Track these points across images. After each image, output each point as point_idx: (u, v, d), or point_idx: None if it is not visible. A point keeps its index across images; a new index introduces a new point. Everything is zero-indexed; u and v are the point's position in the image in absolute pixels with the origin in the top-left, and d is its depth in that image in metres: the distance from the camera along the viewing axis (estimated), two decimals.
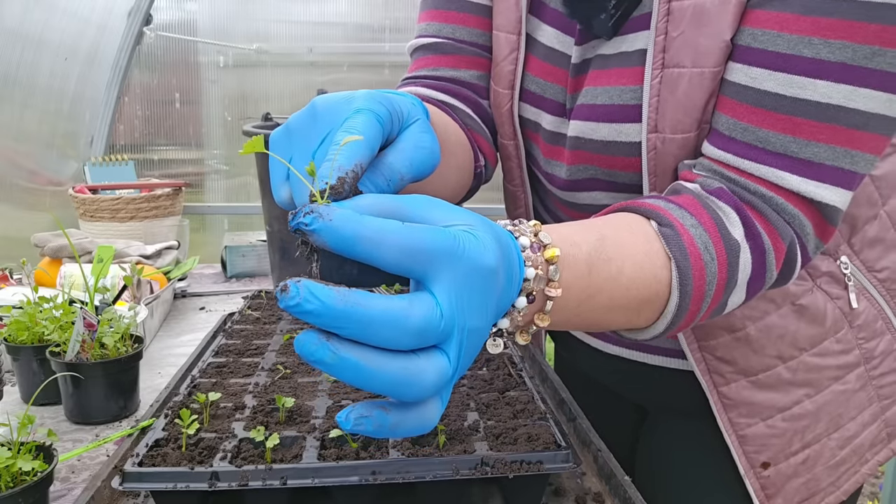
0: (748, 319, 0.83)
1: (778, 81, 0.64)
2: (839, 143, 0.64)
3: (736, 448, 0.86)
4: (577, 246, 0.56)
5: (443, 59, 0.91)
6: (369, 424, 0.41)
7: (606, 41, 0.77)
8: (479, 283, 0.42)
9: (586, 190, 0.84)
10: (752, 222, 0.65)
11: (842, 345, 0.85)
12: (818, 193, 0.65)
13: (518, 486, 0.70)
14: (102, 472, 0.71)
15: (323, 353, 0.39)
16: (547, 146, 0.87)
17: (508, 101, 0.88)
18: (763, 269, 0.66)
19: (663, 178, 0.75)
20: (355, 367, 0.39)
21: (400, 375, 0.40)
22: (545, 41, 0.85)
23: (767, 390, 0.84)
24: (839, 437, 0.87)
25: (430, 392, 0.41)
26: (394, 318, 0.39)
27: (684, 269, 0.61)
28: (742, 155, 0.67)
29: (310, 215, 0.40)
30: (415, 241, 0.40)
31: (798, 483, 0.87)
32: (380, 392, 0.40)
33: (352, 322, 0.38)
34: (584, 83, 0.80)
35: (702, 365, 0.85)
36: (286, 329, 1.04)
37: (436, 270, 0.41)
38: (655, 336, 0.65)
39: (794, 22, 0.63)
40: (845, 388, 0.85)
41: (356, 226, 0.40)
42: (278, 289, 0.38)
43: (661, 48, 0.71)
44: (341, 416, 0.41)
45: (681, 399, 0.91)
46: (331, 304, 0.38)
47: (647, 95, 0.72)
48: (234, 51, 2.67)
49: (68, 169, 2.48)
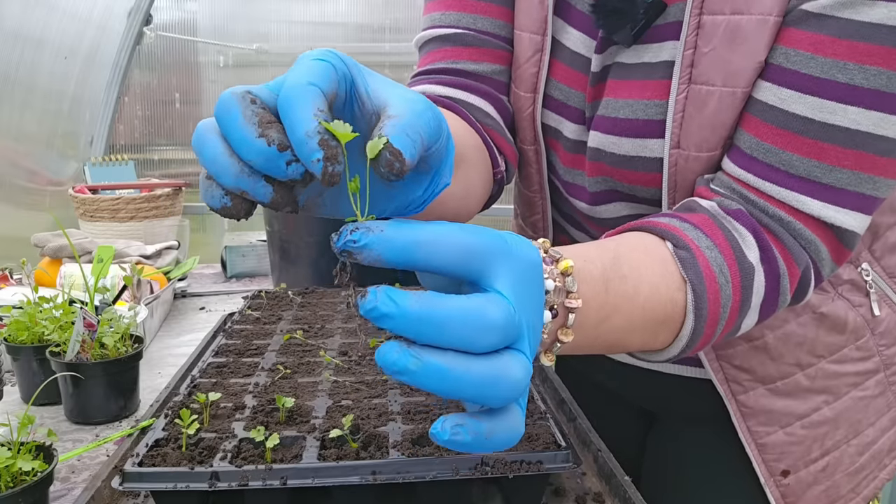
0: (767, 328, 0.82)
1: (808, 105, 0.63)
2: (864, 169, 0.63)
3: (755, 456, 0.85)
4: (591, 262, 0.55)
5: (462, 51, 0.84)
6: (466, 434, 0.39)
7: (626, 49, 0.75)
8: (532, 276, 0.42)
9: (606, 202, 0.82)
10: (768, 245, 0.64)
11: (861, 352, 0.84)
12: (838, 219, 0.64)
13: (518, 486, 0.70)
14: (102, 472, 0.71)
15: (406, 361, 0.37)
16: (568, 155, 0.84)
17: (530, 105, 0.84)
18: (776, 293, 0.65)
19: (683, 194, 0.74)
20: (440, 371, 0.37)
21: (487, 376, 0.38)
22: (571, 45, 0.81)
23: (786, 398, 0.84)
24: (858, 443, 0.86)
25: (519, 390, 0.39)
26: (475, 316, 0.37)
27: (700, 293, 0.60)
28: (763, 176, 0.66)
29: (357, 231, 0.37)
30: (472, 241, 0.39)
31: (818, 490, 0.86)
32: (467, 397, 0.38)
33: (434, 325, 0.37)
34: (604, 93, 0.78)
35: (720, 374, 0.84)
36: (286, 329, 1.04)
37: (495, 268, 0.40)
38: (670, 358, 0.64)
39: (829, 45, 0.61)
40: (864, 394, 0.85)
41: (411, 232, 0.38)
42: (358, 295, 0.37)
43: (690, 63, 0.69)
44: (436, 428, 0.39)
45: (695, 406, 0.91)
46: (411, 307, 0.36)
47: (672, 111, 0.70)
48: (234, 51, 2.67)
49: (68, 169, 2.48)
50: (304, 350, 0.96)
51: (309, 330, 1.03)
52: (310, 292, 1.24)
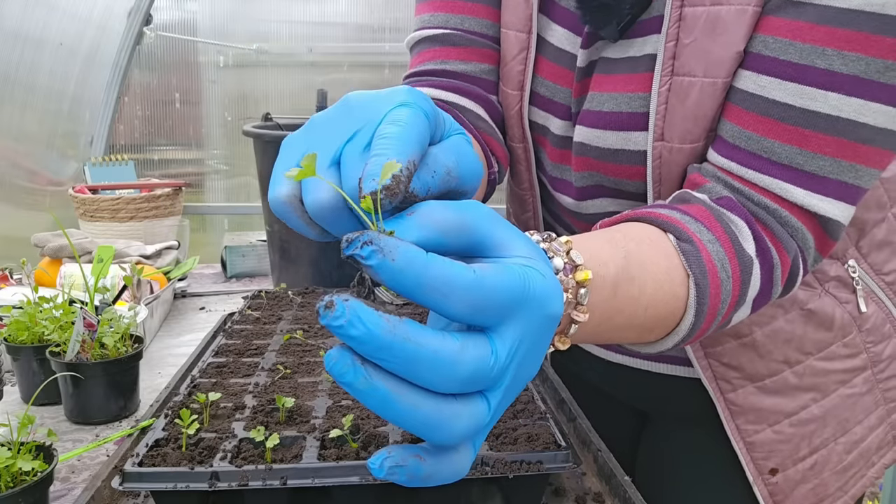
0: (755, 325, 0.82)
1: (788, 91, 0.63)
2: (845, 157, 0.63)
3: (744, 455, 0.85)
4: (605, 266, 0.54)
5: (451, 51, 0.86)
6: (402, 474, 0.37)
7: (612, 44, 0.76)
8: (542, 331, 0.39)
9: (592, 198, 0.83)
10: (762, 236, 0.64)
11: (849, 349, 0.84)
12: (822, 207, 0.64)
13: (518, 486, 0.70)
14: (102, 472, 0.71)
15: (354, 378, 0.35)
16: (555, 151, 0.85)
17: (518, 102, 0.85)
18: (770, 285, 0.65)
19: (668, 187, 0.74)
20: (385, 399, 0.35)
21: (430, 418, 0.36)
22: (555, 42, 0.82)
23: (774, 396, 0.84)
24: (846, 441, 0.86)
25: (457, 440, 0.37)
26: (443, 361, 0.35)
27: (702, 288, 0.60)
28: (746, 164, 0.66)
29: (368, 247, 0.34)
30: (486, 293, 0.36)
31: (806, 489, 0.86)
32: (408, 430, 0.37)
33: (396, 357, 0.34)
34: (589, 87, 0.78)
35: (708, 372, 0.84)
36: (286, 329, 1.04)
37: (503, 321, 0.37)
38: (661, 351, 0.64)
39: (808, 31, 0.61)
40: (852, 391, 0.85)
41: (421, 273, 0.35)
42: (322, 303, 0.34)
43: (672, 55, 0.69)
44: (374, 463, 0.37)
45: (685, 406, 0.91)
46: (378, 333, 0.34)
47: (655, 103, 0.71)
48: (234, 51, 2.67)
49: (68, 169, 2.48)
50: (304, 350, 0.96)
51: (309, 330, 1.03)
52: (310, 292, 1.24)
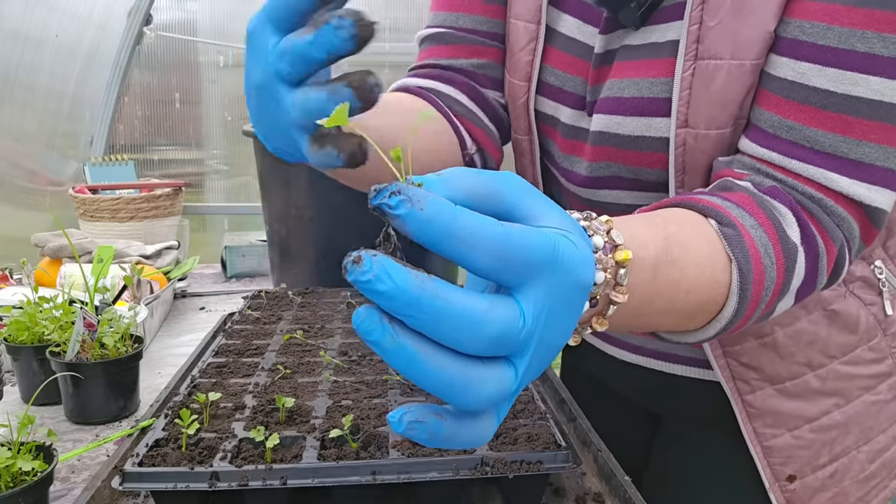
0: (777, 324, 0.79)
1: (828, 77, 0.61)
2: (891, 143, 0.61)
3: (760, 460, 0.83)
4: (645, 247, 0.52)
5: (442, 49, 0.88)
6: (423, 431, 0.36)
7: (634, 31, 0.74)
8: (571, 298, 0.38)
9: (607, 188, 0.81)
10: (807, 223, 0.62)
11: (874, 353, 0.82)
12: (868, 196, 0.63)
13: (518, 486, 0.70)
14: (102, 472, 0.71)
15: (381, 336, 0.34)
16: (565, 141, 0.84)
17: (525, 93, 0.85)
18: (815, 274, 0.63)
19: (692, 176, 0.72)
20: (412, 359, 0.34)
21: (457, 380, 0.35)
22: (566, 31, 0.81)
23: (795, 399, 0.81)
24: (869, 449, 0.84)
25: (483, 405, 0.36)
26: (471, 319, 0.34)
27: (746, 273, 0.58)
28: (788, 154, 0.64)
29: (396, 196, 0.34)
30: (513, 249, 0.35)
31: (825, 498, 0.83)
32: (432, 392, 0.36)
33: (424, 313, 0.34)
34: (609, 75, 0.77)
35: (726, 371, 0.81)
36: (286, 329, 1.04)
37: (529, 280, 0.36)
38: (703, 340, 0.62)
39: (845, 14, 0.60)
40: (877, 398, 0.83)
41: (448, 223, 0.34)
42: (350, 259, 0.33)
43: (696, 38, 0.67)
44: (394, 417, 0.36)
45: (701, 409, 0.89)
46: (406, 288, 0.33)
47: (678, 88, 0.69)
48: (234, 51, 2.67)
49: (68, 169, 2.49)
50: (304, 350, 0.96)
51: (309, 330, 1.04)
52: (310, 292, 1.24)
